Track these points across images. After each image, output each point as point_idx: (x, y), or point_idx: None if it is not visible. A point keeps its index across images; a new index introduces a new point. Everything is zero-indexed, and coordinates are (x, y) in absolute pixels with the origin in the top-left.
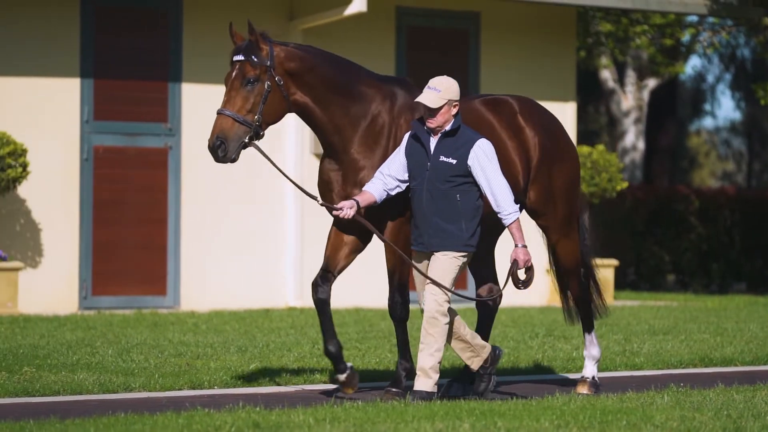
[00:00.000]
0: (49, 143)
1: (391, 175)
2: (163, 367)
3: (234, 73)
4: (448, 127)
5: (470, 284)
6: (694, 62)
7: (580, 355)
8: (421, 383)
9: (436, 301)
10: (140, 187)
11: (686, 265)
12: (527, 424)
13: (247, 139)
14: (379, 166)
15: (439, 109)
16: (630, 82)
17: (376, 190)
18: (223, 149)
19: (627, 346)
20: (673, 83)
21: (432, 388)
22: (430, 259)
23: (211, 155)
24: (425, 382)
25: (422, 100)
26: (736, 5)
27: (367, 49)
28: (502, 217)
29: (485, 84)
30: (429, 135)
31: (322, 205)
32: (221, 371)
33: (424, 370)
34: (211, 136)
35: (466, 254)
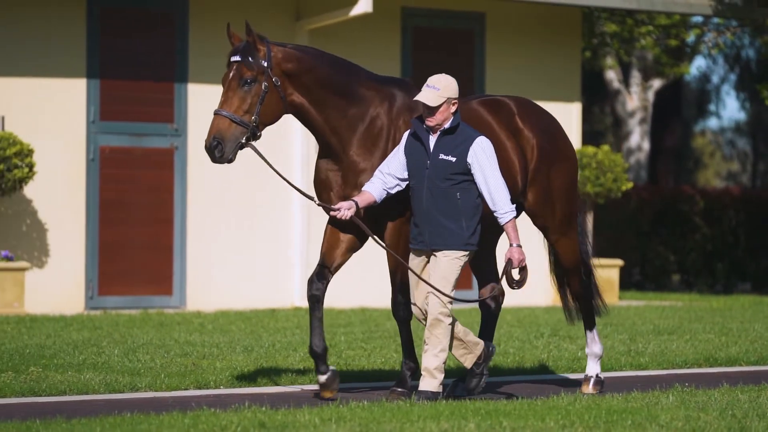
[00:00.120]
0: (55, 143)
1: (391, 174)
2: (169, 367)
3: (231, 74)
4: (447, 125)
5: (473, 284)
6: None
7: (585, 355)
8: (427, 383)
9: (439, 302)
10: (146, 188)
11: (691, 265)
12: (532, 424)
13: (244, 140)
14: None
15: (438, 107)
16: (635, 82)
17: (375, 189)
18: (219, 150)
19: (632, 346)
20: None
21: (437, 388)
22: (431, 262)
23: (208, 155)
24: (430, 382)
25: (421, 98)
26: (740, 6)
27: (373, 50)
28: (498, 216)
29: (490, 84)
30: (428, 133)
31: (319, 205)
32: (227, 371)
33: (429, 371)
34: (208, 136)
35: (468, 253)
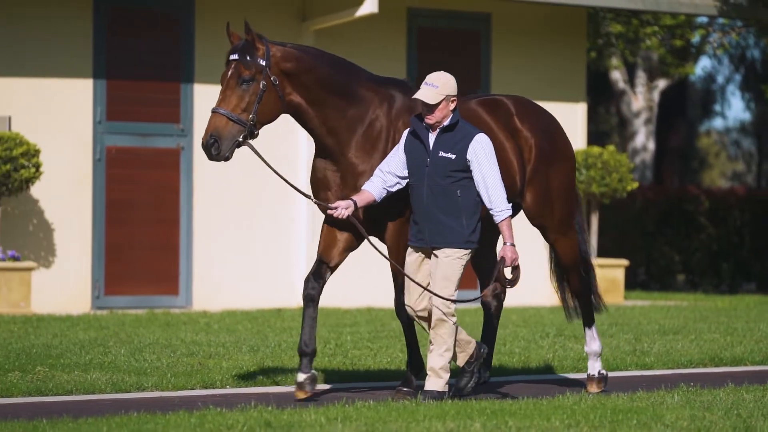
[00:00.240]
0: (61, 144)
1: (391, 172)
2: (176, 366)
3: (229, 72)
4: (446, 123)
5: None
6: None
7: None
8: (432, 383)
9: (443, 302)
10: (152, 188)
11: (696, 265)
12: (538, 424)
13: (241, 138)
14: None
15: (437, 104)
16: (640, 83)
17: (375, 188)
18: (216, 147)
19: (637, 346)
20: (683, 84)
21: (443, 388)
22: (433, 262)
23: (205, 153)
24: (436, 381)
25: (420, 96)
26: (746, 6)
27: (379, 50)
28: (493, 214)
29: (496, 84)
30: (428, 131)
31: (317, 204)
32: (233, 371)
33: (435, 370)
34: (205, 134)
35: (469, 252)
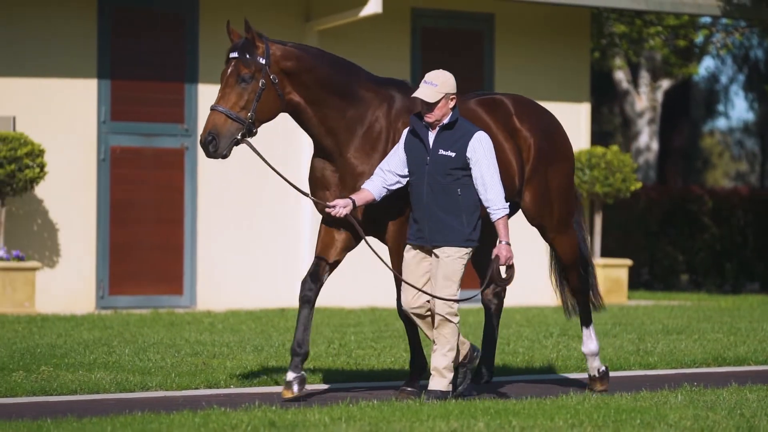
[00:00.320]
0: (66, 144)
1: (391, 171)
2: (180, 366)
3: (229, 70)
4: (446, 121)
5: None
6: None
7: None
8: (436, 383)
9: (445, 302)
10: (157, 188)
11: (700, 264)
12: (542, 423)
13: (239, 136)
14: None
15: (437, 103)
16: (644, 83)
17: (375, 187)
18: (214, 145)
19: (641, 346)
20: (686, 84)
21: (446, 388)
22: (434, 263)
23: (203, 150)
24: (439, 381)
25: (419, 95)
26: (749, 6)
27: (382, 50)
28: (490, 212)
29: (499, 85)
30: (427, 129)
31: (315, 202)
32: (237, 370)
33: (438, 370)
34: (204, 131)
35: (469, 250)
